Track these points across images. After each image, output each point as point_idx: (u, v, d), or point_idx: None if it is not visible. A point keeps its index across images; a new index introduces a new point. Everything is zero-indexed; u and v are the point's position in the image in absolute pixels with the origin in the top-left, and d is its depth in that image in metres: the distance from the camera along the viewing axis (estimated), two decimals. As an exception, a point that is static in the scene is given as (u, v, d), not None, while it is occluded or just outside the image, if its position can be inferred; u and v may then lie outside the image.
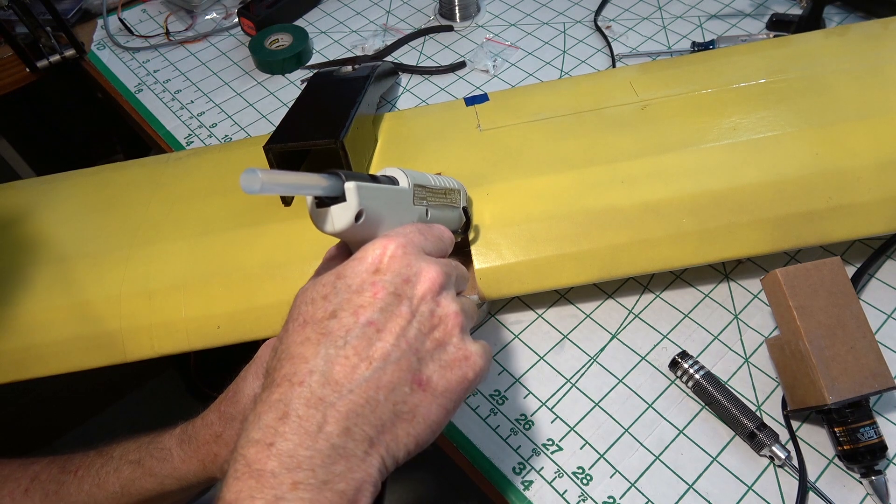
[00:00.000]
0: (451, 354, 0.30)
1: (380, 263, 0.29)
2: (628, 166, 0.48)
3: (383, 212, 0.31)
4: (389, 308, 0.29)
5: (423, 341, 0.29)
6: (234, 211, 0.51)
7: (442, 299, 0.31)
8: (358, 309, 0.28)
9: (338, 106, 0.52)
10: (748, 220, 0.46)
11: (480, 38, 0.76)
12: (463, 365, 0.30)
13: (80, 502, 0.41)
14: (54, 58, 0.78)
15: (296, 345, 0.28)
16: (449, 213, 0.41)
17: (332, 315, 0.28)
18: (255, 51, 0.74)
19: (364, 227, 0.30)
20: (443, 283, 0.31)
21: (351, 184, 0.29)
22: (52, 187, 0.58)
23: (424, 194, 0.37)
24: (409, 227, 0.32)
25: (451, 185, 0.42)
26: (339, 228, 0.30)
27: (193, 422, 0.41)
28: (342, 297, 0.29)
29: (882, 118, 0.48)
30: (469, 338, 0.31)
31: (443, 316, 0.30)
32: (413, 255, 0.30)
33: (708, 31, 0.73)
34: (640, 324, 0.50)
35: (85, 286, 0.48)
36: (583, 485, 0.43)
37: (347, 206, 0.29)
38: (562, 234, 0.47)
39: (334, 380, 0.27)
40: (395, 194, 0.33)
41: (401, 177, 0.34)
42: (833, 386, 0.39)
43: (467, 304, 0.33)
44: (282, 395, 0.27)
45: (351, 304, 0.28)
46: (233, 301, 0.47)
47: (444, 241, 0.35)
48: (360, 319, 0.28)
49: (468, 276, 0.38)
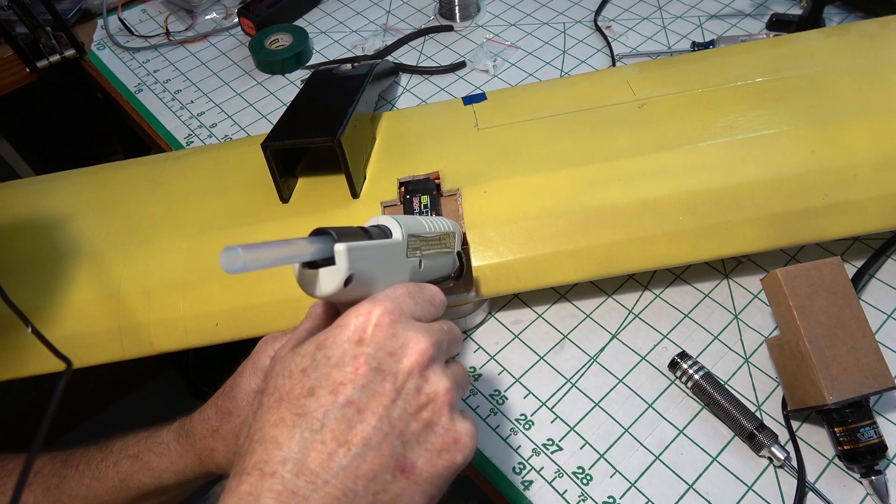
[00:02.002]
0: (438, 437, 0.28)
1: (363, 333, 0.27)
2: (625, 164, 0.48)
3: (374, 271, 0.29)
4: (371, 385, 0.26)
5: (408, 422, 0.27)
6: (232, 209, 0.51)
7: (430, 374, 0.28)
8: (337, 387, 0.26)
9: (336, 103, 0.52)
10: (745, 218, 0.46)
11: (480, 38, 0.76)
12: (451, 449, 0.28)
13: (81, 496, 0.42)
14: (54, 58, 0.78)
15: (269, 426, 0.26)
16: (442, 259, 0.39)
17: (309, 392, 0.26)
18: (255, 51, 0.74)
19: (353, 290, 0.28)
20: (432, 355, 0.28)
21: (341, 246, 0.27)
22: (51, 186, 0.57)
23: (418, 244, 0.35)
24: (399, 290, 0.30)
25: (446, 227, 0.40)
26: (327, 293, 0.27)
27: (191, 417, 0.41)
28: (321, 372, 0.26)
29: (879, 116, 0.48)
30: (459, 416, 0.29)
31: (431, 394, 0.28)
32: (400, 324, 0.28)
33: (708, 31, 0.73)
34: (640, 324, 0.50)
35: (83, 284, 0.48)
36: (583, 485, 0.43)
37: (336, 269, 0.27)
38: (559, 231, 0.47)
39: (309, 469, 0.24)
40: (387, 249, 0.31)
41: (394, 228, 0.32)
42: (833, 386, 0.39)
43: (459, 373, 0.31)
44: (251, 486, 0.24)
45: (330, 381, 0.26)
46: (231, 299, 0.47)
47: (436, 304, 0.32)
48: (340, 399, 0.25)
49: (461, 337, 0.35)
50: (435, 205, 0.48)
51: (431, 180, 0.50)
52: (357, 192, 0.50)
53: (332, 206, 0.50)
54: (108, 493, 0.41)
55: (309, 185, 0.52)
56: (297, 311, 0.46)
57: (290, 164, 0.53)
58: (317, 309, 0.33)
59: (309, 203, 0.51)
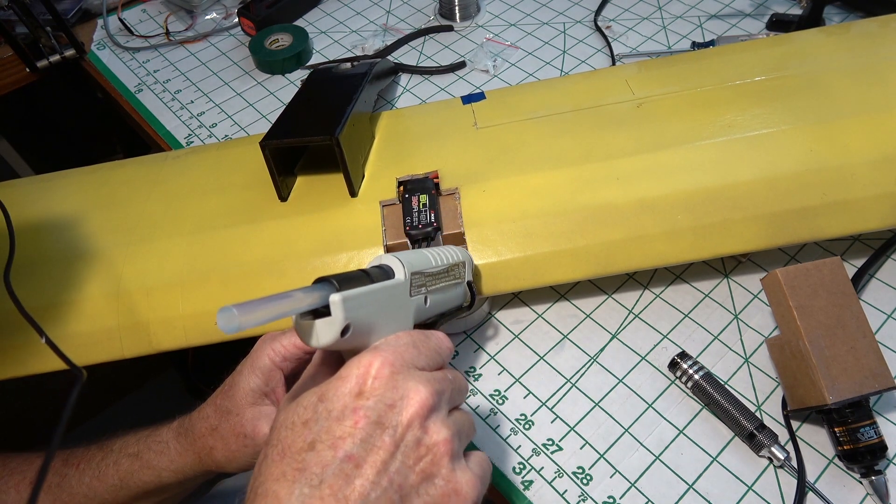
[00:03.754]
0: (438, 489, 0.28)
1: (363, 385, 0.27)
2: (624, 163, 0.48)
3: (374, 318, 0.29)
4: (370, 440, 0.26)
5: (406, 475, 0.27)
6: (231, 207, 0.51)
7: (431, 425, 0.28)
8: (337, 441, 0.26)
9: (335, 102, 0.52)
10: (743, 217, 0.46)
11: (480, 38, 0.76)
12: (452, 499, 0.28)
13: (81, 494, 0.42)
14: (54, 58, 0.78)
15: (271, 480, 0.26)
16: (452, 291, 0.38)
17: (310, 447, 0.26)
18: (255, 51, 0.74)
19: (352, 339, 0.28)
20: (432, 405, 0.28)
21: (336, 297, 0.26)
22: (50, 185, 0.57)
23: (423, 281, 0.34)
24: (403, 339, 0.30)
25: (455, 258, 0.39)
26: (325, 344, 0.27)
27: (190, 415, 0.41)
28: (321, 426, 0.26)
29: (876, 115, 0.48)
30: (462, 465, 0.29)
31: (430, 445, 0.28)
32: (401, 375, 0.28)
33: (708, 31, 0.73)
34: (640, 324, 0.50)
35: (83, 283, 0.48)
36: (583, 485, 0.43)
37: (333, 320, 0.27)
38: (557, 230, 0.47)
39: None
40: (388, 292, 0.30)
41: (396, 267, 0.32)
42: (833, 386, 0.39)
43: (463, 421, 0.31)
44: None
45: (330, 435, 0.26)
46: (230, 297, 0.47)
47: (442, 352, 0.32)
48: (339, 454, 0.26)
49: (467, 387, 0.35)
50: (433, 204, 0.48)
51: (430, 179, 0.50)
52: (355, 191, 0.50)
53: (330, 205, 0.50)
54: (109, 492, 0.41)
55: (308, 184, 0.52)
56: (297, 310, 0.46)
57: (288, 162, 0.53)
58: (322, 356, 0.33)
59: (307, 201, 0.51)
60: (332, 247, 0.47)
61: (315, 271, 0.47)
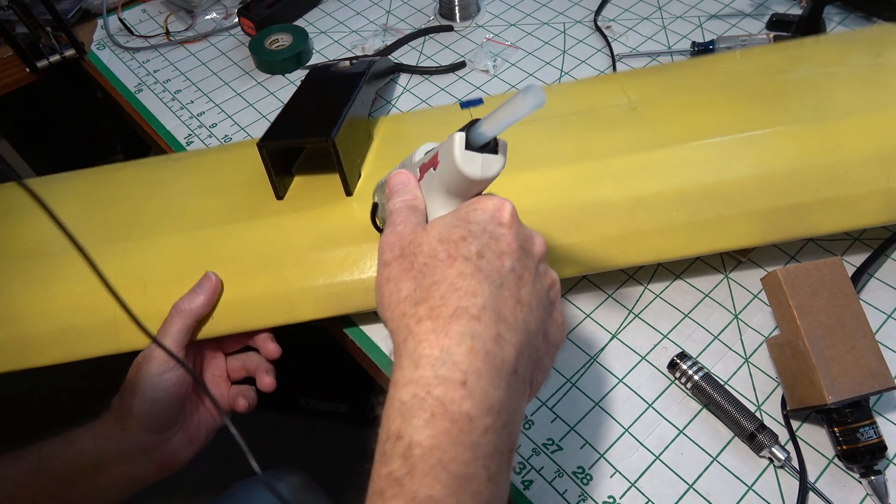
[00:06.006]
0: (558, 316, 0.31)
1: (501, 218, 0.29)
2: (619, 161, 0.49)
3: None
4: (522, 260, 0.29)
5: (543, 298, 0.30)
6: (228, 205, 0.52)
7: (547, 266, 0.31)
8: (501, 254, 0.28)
9: (332, 103, 0.52)
10: (737, 212, 0.46)
11: (480, 38, 0.76)
12: (563, 329, 0.32)
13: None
14: (54, 58, 0.78)
15: (455, 276, 0.27)
16: None
17: (479, 255, 0.28)
18: (255, 51, 0.74)
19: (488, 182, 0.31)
20: (545, 251, 0.31)
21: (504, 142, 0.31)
22: (50, 187, 0.58)
23: None
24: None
25: None
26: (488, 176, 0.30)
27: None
28: (482, 241, 0.28)
29: (869, 115, 0.49)
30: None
31: (553, 279, 0.31)
32: (519, 220, 0.31)
33: (708, 31, 0.73)
34: (640, 324, 0.50)
35: (80, 277, 0.48)
36: (583, 485, 0.43)
37: (499, 159, 0.31)
38: (553, 226, 0.47)
39: (503, 317, 0.27)
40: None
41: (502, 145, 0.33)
42: (833, 386, 0.39)
43: None
44: (464, 327, 0.26)
45: (492, 249, 0.28)
46: (227, 292, 0.47)
47: None
48: (506, 264, 0.28)
49: None
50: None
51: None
52: (351, 190, 0.50)
53: (325, 203, 0.50)
54: (24, 476, 0.41)
55: (304, 183, 0.53)
56: (292, 304, 0.47)
57: (286, 162, 0.53)
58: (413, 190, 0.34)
59: (303, 200, 0.51)
60: (328, 242, 0.48)
61: (312, 266, 0.47)
